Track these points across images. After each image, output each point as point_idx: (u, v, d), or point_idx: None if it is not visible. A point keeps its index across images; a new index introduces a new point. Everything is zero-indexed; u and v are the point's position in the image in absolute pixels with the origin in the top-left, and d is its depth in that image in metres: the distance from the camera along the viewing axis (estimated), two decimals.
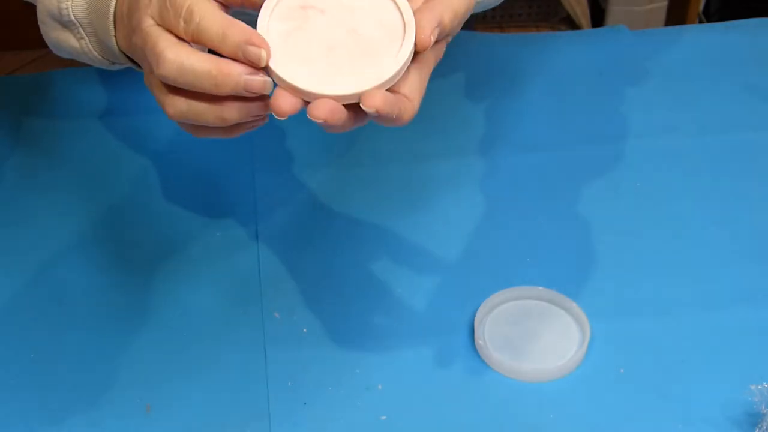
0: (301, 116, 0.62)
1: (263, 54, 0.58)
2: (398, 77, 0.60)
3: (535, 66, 1.03)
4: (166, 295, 0.82)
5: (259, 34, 0.59)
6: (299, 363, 0.77)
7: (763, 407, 0.70)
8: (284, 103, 0.58)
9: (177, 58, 0.58)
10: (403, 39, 0.60)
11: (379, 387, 0.75)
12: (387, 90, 0.59)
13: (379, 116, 0.59)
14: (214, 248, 0.86)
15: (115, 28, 0.67)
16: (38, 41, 0.74)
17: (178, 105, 0.60)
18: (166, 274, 0.84)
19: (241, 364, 0.77)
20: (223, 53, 0.58)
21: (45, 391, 0.76)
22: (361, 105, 0.58)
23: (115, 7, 0.67)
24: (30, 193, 0.91)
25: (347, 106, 0.59)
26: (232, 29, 0.58)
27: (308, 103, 0.59)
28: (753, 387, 0.71)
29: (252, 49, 0.58)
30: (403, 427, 0.72)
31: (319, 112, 0.58)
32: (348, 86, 0.58)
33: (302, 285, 0.83)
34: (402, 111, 0.60)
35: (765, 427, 0.69)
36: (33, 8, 0.76)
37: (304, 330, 0.79)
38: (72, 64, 0.93)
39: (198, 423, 0.73)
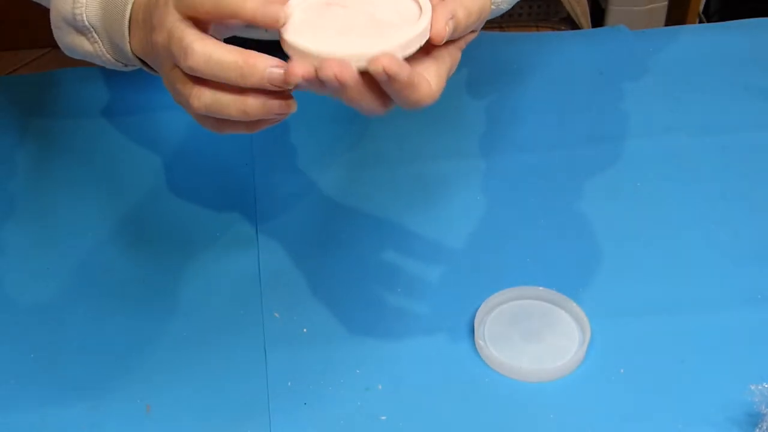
0: (302, 116, 0.63)
1: (281, 14, 0.59)
2: (408, 50, 0.60)
3: (535, 66, 1.03)
4: (165, 294, 0.82)
5: None
6: (299, 363, 0.77)
7: (763, 407, 0.70)
8: (298, 67, 0.59)
9: (205, 49, 0.59)
10: (418, 21, 0.60)
11: (379, 387, 0.75)
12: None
13: (388, 79, 0.58)
14: (214, 248, 0.86)
15: (129, 33, 0.68)
16: (38, 41, 0.74)
17: (203, 97, 0.61)
18: (165, 274, 0.84)
19: (241, 364, 0.77)
20: (244, 18, 0.59)
21: (45, 391, 0.76)
22: (368, 68, 0.58)
23: (131, 14, 0.67)
24: (32, 193, 0.92)
25: (364, 78, 0.59)
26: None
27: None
28: (753, 387, 0.71)
29: (270, 8, 0.59)
30: (403, 427, 0.72)
31: (329, 68, 0.58)
32: (355, 49, 0.59)
33: (302, 285, 0.83)
34: (415, 81, 0.59)
35: (765, 427, 0.69)
36: (34, 9, 0.76)
37: (304, 330, 0.79)
38: (72, 63, 0.93)
39: (198, 423, 0.73)
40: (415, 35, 0.60)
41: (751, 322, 0.78)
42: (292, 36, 0.60)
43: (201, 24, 0.61)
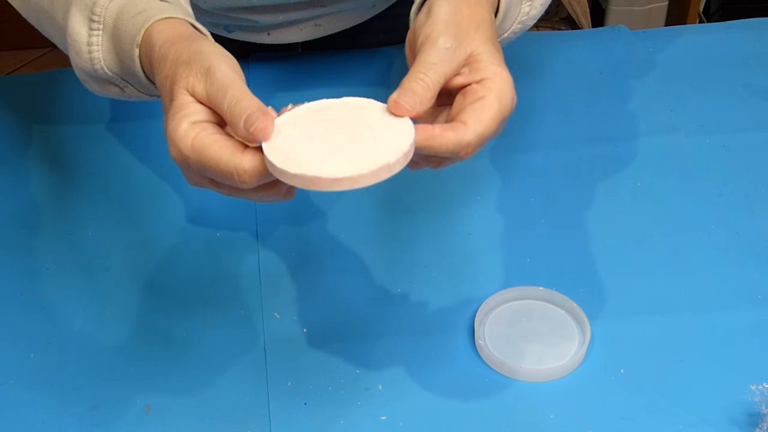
0: None
1: (267, 132, 0.61)
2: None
3: (535, 65, 1.03)
4: (165, 294, 0.82)
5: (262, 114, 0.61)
6: (299, 363, 0.77)
7: (763, 407, 0.70)
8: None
9: (193, 151, 0.61)
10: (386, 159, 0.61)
11: (379, 387, 0.75)
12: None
13: None
14: (214, 248, 0.86)
15: (151, 69, 0.68)
16: (38, 41, 0.74)
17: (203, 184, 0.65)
18: (165, 274, 0.84)
19: (241, 364, 0.77)
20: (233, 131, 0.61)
21: (45, 391, 0.76)
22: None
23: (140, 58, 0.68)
24: (32, 193, 0.92)
25: None
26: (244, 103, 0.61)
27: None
28: (753, 387, 0.71)
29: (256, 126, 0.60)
30: (403, 427, 0.72)
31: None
32: (321, 171, 0.59)
33: (302, 285, 0.83)
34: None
35: (765, 428, 0.69)
36: None
37: (304, 330, 0.79)
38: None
39: (198, 423, 0.73)
40: (373, 170, 0.60)
41: (751, 322, 0.78)
42: (270, 152, 0.60)
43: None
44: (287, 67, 1.03)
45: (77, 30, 0.69)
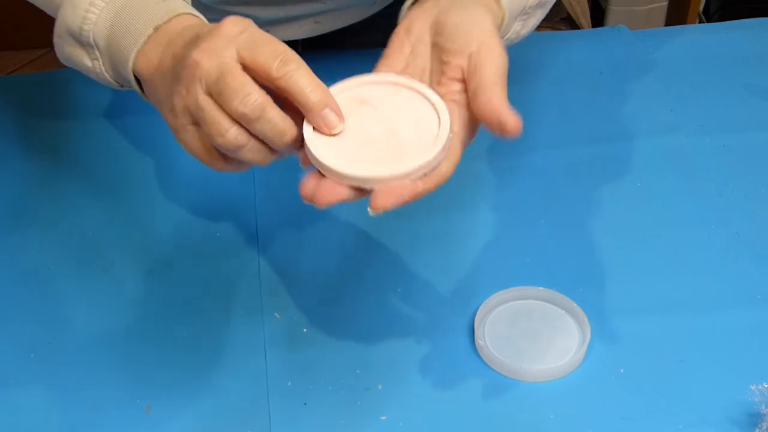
0: None
1: (338, 126, 0.64)
2: (414, 176, 0.63)
3: (535, 66, 1.03)
4: (165, 294, 0.82)
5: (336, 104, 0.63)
6: (299, 363, 0.77)
7: (763, 407, 0.70)
8: (311, 181, 0.64)
9: (263, 106, 0.61)
10: (431, 147, 0.64)
11: (379, 387, 0.75)
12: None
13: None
14: (214, 248, 0.86)
15: (138, 55, 0.68)
16: (38, 41, 0.74)
17: (229, 134, 0.64)
18: (166, 274, 0.84)
19: (241, 364, 0.77)
20: (305, 110, 0.63)
21: (45, 391, 0.76)
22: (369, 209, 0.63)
23: (151, 35, 0.68)
24: (33, 193, 0.92)
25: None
26: (322, 89, 0.63)
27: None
28: (753, 387, 0.71)
29: (330, 117, 0.63)
30: (403, 427, 0.72)
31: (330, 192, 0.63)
32: (362, 171, 0.62)
33: (302, 285, 0.83)
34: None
35: (765, 427, 0.69)
36: (34, 9, 0.75)
37: (304, 330, 0.79)
38: None
39: (198, 423, 0.73)
40: (421, 164, 0.63)
41: (751, 322, 0.78)
42: (313, 145, 0.63)
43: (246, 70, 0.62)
44: None
45: None
